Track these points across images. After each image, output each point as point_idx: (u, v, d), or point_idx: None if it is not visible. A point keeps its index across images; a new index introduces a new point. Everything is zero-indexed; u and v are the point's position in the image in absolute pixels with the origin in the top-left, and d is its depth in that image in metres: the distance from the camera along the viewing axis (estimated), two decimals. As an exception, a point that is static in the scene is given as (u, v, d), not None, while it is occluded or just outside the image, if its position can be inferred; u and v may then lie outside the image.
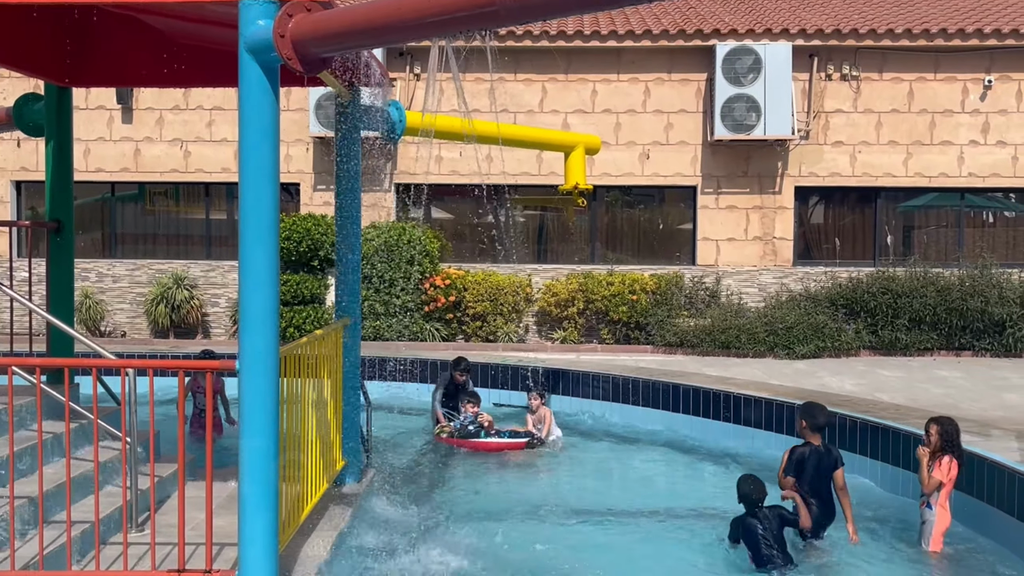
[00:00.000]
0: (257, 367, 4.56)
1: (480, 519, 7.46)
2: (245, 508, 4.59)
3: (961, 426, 8.16)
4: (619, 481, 8.82)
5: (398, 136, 8.17)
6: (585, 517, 7.40)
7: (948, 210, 18.62)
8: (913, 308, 16.42)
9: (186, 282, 18.27)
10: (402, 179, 18.65)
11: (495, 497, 8.16)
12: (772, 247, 18.23)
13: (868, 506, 7.85)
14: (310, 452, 5.92)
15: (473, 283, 17.52)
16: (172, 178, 18.99)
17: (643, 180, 18.38)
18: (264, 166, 4.52)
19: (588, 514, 7.49)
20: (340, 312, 7.20)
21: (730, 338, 16.15)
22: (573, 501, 7.91)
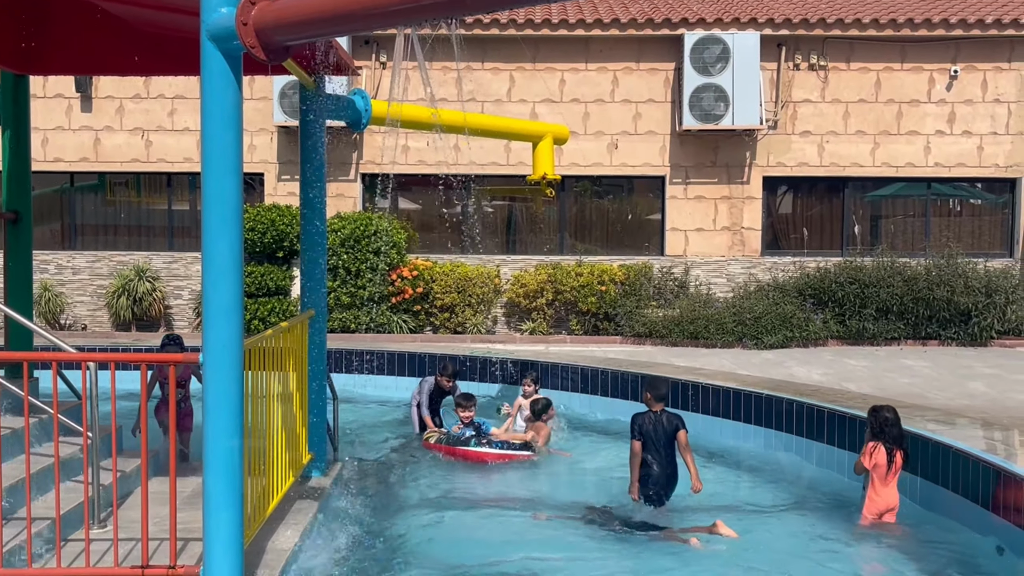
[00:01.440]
0: (221, 360, 4.54)
1: (446, 512, 7.48)
2: (210, 502, 4.57)
3: (928, 415, 8.32)
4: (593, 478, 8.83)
5: (364, 125, 8.13)
6: (555, 512, 7.41)
7: (915, 199, 18.84)
8: (880, 298, 16.61)
9: (148, 274, 18.11)
10: (368, 169, 18.59)
11: (464, 490, 8.16)
12: (740, 237, 18.35)
13: (828, 492, 7.97)
14: (276, 445, 5.90)
15: (441, 274, 17.50)
16: (133, 168, 18.79)
17: (611, 170, 18.43)
18: (227, 156, 4.49)
19: (557, 508, 7.50)
20: (305, 304, 7.17)
21: (699, 328, 16.25)
22: (545, 495, 7.92)
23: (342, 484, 7.36)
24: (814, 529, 7.08)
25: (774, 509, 7.66)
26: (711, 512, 7.50)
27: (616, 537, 6.79)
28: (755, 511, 7.65)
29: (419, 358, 12.74)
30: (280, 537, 5.66)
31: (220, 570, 4.56)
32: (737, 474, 8.79)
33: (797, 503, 7.82)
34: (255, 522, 5.27)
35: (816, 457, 8.77)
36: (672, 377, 10.72)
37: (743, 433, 9.65)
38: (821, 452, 8.71)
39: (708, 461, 9.15)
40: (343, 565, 6.04)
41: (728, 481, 8.55)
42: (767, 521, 7.31)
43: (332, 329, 16.48)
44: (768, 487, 8.34)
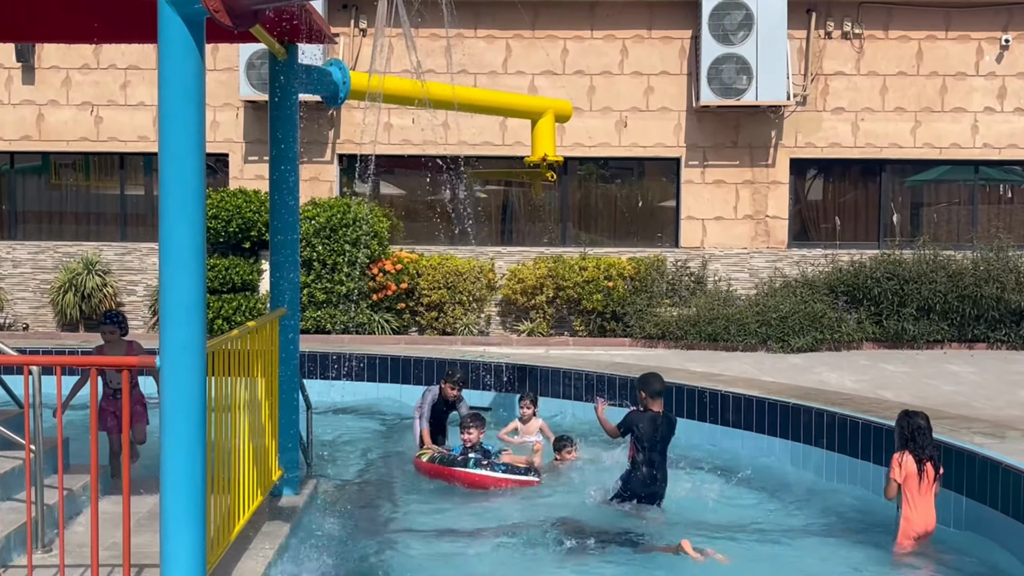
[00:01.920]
0: (181, 364, 4.54)
1: (433, 535, 7.48)
2: (168, 524, 4.57)
3: (975, 427, 8.34)
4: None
5: (341, 100, 8.13)
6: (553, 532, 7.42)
7: (960, 185, 18.86)
8: (922, 295, 16.63)
9: (98, 267, 18.08)
10: (346, 149, 18.56)
11: (453, 513, 8.17)
12: (765, 227, 18.37)
13: (862, 512, 7.98)
14: (242, 460, 5.90)
15: (428, 268, 17.50)
16: (81, 147, 18.75)
17: (620, 151, 18.43)
18: (187, 133, 4.48)
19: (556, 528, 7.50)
20: (276, 301, 7.18)
21: (717, 329, 16.27)
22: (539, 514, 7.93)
23: (316, 504, 7.37)
24: (845, 555, 7.09)
25: (800, 532, 7.67)
26: (728, 532, 7.52)
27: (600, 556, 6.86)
28: (779, 533, 7.66)
29: (403, 362, 12.75)
30: (247, 563, 5.66)
31: (179, 600, 4.56)
32: (759, 492, 8.80)
33: (826, 525, 7.83)
34: (219, 546, 5.27)
35: (848, 474, 8.78)
36: (688, 384, 10.74)
37: (767, 446, 9.67)
38: (854, 468, 8.72)
39: (727, 477, 9.17)
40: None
41: (749, 499, 8.56)
42: (792, 544, 7.33)
43: (306, 329, 16.48)
44: (794, 507, 8.36)
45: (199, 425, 4.61)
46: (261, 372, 6.42)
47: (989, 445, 7.64)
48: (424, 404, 9.76)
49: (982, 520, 7.27)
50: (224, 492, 5.52)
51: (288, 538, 6.27)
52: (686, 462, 9.77)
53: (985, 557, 6.94)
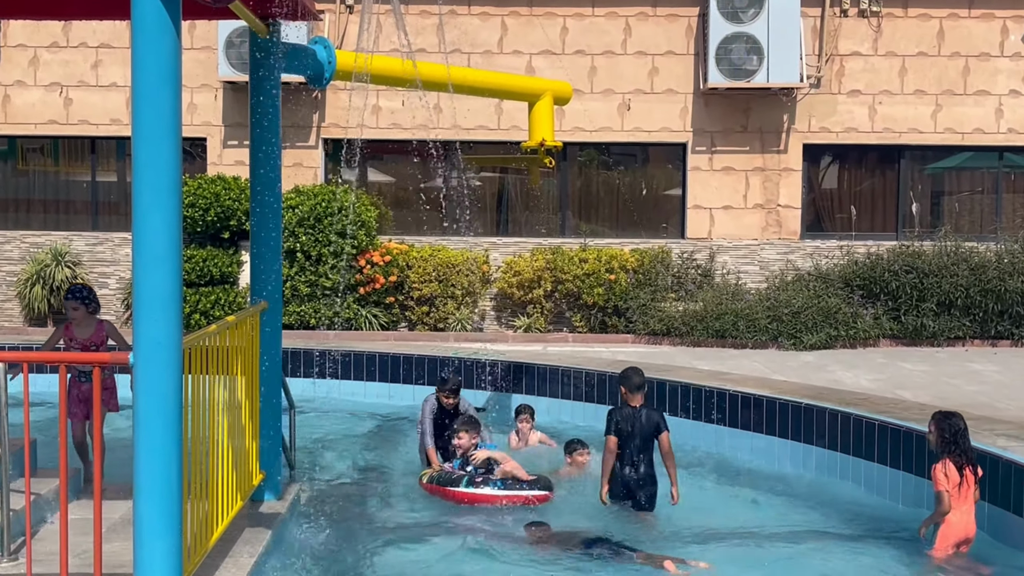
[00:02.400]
0: (155, 361, 4.54)
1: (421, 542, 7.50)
2: (141, 531, 4.58)
3: (998, 429, 8.37)
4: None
5: (326, 81, 8.12)
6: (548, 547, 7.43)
7: (984, 172, 18.87)
8: (942, 289, 16.65)
9: (68, 258, 18.06)
10: (332, 133, 18.55)
11: (446, 520, 8.18)
12: (776, 217, 18.38)
13: (880, 519, 8.00)
14: (221, 463, 5.91)
15: (419, 260, 17.50)
16: (50, 131, 18.72)
17: (623, 136, 18.43)
18: (162, 116, 4.48)
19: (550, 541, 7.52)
20: (256, 295, 7.17)
21: (726, 325, 16.28)
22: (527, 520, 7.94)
23: (300, 509, 7.37)
24: (871, 564, 7.09)
25: (815, 539, 7.68)
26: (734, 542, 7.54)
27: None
28: (793, 540, 7.68)
29: (393, 359, 12.76)
30: (226, 572, 5.67)
31: (154, 611, 4.56)
32: (771, 497, 8.82)
33: (845, 533, 7.84)
34: (196, 554, 5.28)
35: (864, 478, 8.80)
36: (695, 383, 10.75)
37: (778, 449, 9.68)
38: (870, 472, 8.74)
39: (735, 482, 9.19)
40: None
41: (759, 505, 8.58)
42: (808, 553, 7.33)
43: (289, 325, 16.48)
44: (806, 512, 8.37)
45: (175, 426, 4.61)
46: (241, 370, 6.42)
47: (1014, 448, 7.66)
48: (424, 419, 9.43)
49: (1006, 527, 7.29)
50: (202, 497, 5.52)
51: (269, 545, 6.28)
52: (693, 464, 9.81)
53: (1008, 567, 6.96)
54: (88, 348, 6.86)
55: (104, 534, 5.11)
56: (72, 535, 5.03)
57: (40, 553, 5.53)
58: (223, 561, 5.81)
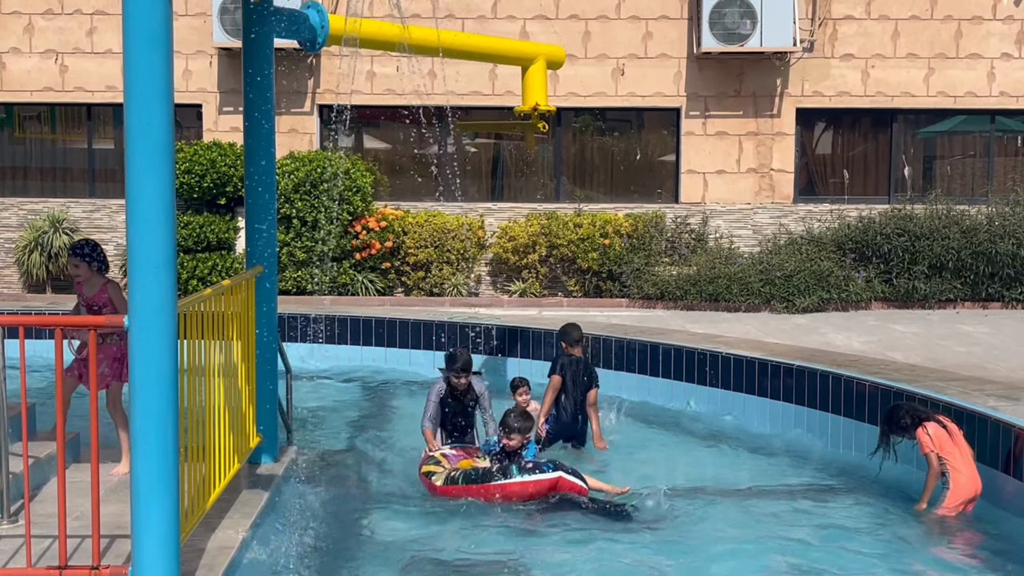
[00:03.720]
0: (150, 325, 4.53)
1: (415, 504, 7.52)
2: (139, 493, 4.58)
3: (988, 389, 8.40)
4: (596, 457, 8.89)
5: (319, 45, 8.07)
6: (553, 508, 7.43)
7: (976, 136, 18.84)
8: (934, 252, 16.66)
9: (65, 225, 18.03)
10: (326, 99, 18.46)
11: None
12: (769, 181, 18.35)
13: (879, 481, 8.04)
14: (218, 427, 5.91)
15: (414, 225, 17.47)
16: (46, 98, 18.62)
17: (617, 101, 18.36)
18: (154, 82, 4.44)
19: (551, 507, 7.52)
20: (252, 259, 7.16)
21: (719, 289, 16.29)
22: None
23: (296, 472, 7.39)
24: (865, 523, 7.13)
25: (809, 498, 7.70)
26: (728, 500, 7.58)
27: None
28: (787, 498, 7.71)
29: (389, 324, 12.76)
30: (222, 533, 5.68)
31: (152, 570, 4.58)
32: (764, 457, 8.86)
33: (838, 492, 7.87)
34: (193, 516, 5.30)
35: (855, 438, 8.83)
36: (688, 346, 10.76)
37: (771, 411, 9.71)
38: (861, 432, 8.76)
39: (732, 444, 9.22)
40: (296, 565, 6.08)
41: (752, 465, 8.62)
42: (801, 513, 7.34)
43: (285, 290, 16.48)
44: (798, 473, 8.41)
45: (171, 389, 4.61)
46: (237, 334, 6.41)
47: (1003, 408, 7.68)
48: (429, 400, 8.37)
49: (996, 487, 7.32)
50: (199, 459, 5.53)
51: (266, 507, 6.30)
52: (688, 427, 9.85)
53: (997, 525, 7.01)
54: (93, 309, 6.75)
55: (102, 497, 5.12)
56: (71, 497, 5.04)
57: (39, 515, 5.55)
58: (221, 522, 5.83)
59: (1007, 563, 6.40)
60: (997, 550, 6.62)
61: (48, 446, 6.43)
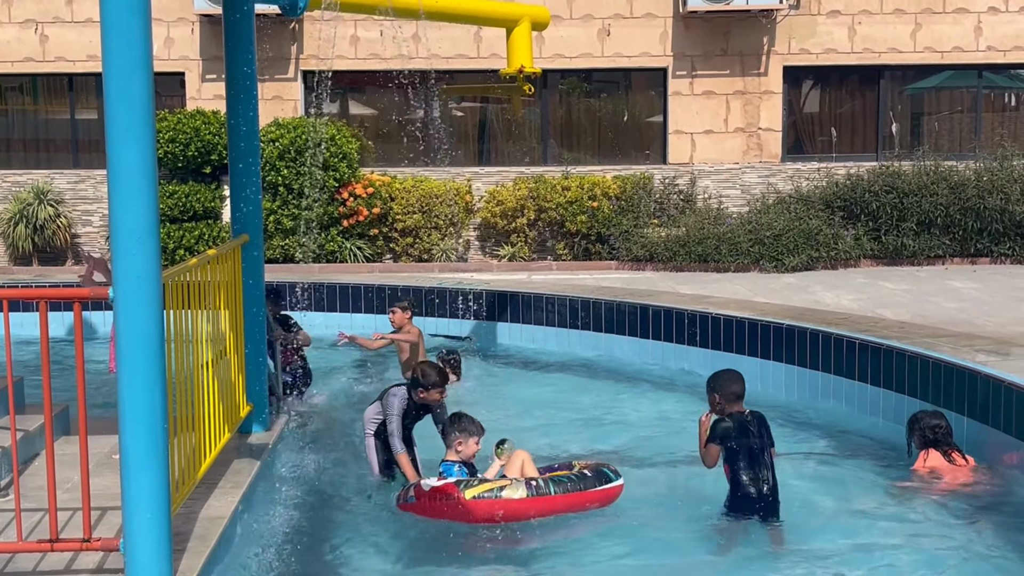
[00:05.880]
0: (136, 295, 4.49)
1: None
2: (128, 465, 4.56)
3: (978, 344, 8.41)
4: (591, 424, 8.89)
5: (300, 10, 7.98)
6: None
7: (963, 91, 18.80)
8: (922, 209, 16.66)
9: (50, 197, 17.92)
10: (310, 65, 18.33)
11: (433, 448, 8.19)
12: (757, 140, 18.31)
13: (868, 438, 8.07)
14: (207, 397, 5.89)
15: (401, 191, 17.40)
16: (26, 68, 18.46)
17: (603, 62, 18.26)
18: (132, 48, 4.39)
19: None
20: (237, 228, 7.11)
21: (708, 249, 16.29)
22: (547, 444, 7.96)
23: (288, 441, 7.38)
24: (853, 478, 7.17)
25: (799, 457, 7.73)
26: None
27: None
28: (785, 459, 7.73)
29: (378, 291, 12.73)
30: (214, 503, 5.67)
31: (143, 542, 4.56)
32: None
33: (828, 451, 7.89)
34: (184, 486, 5.28)
35: (846, 396, 8.85)
36: (677, 307, 10.76)
37: (761, 371, 9.72)
38: (851, 390, 8.79)
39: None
40: (289, 534, 6.08)
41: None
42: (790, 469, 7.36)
43: (272, 259, 16.42)
44: (790, 432, 8.41)
45: (157, 359, 4.58)
46: (224, 303, 6.37)
47: (992, 363, 7.70)
48: (393, 417, 7.11)
49: (984, 441, 7.34)
50: (188, 430, 5.51)
51: (257, 476, 6.28)
52: (678, 388, 9.87)
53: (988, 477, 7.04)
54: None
55: (92, 468, 5.11)
56: (60, 470, 5.01)
57: (29, 489, 5.53)
58: (212, 492, 5.81)
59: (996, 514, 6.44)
60: (985, 504, 6.65)
61: (36, 419, 6.40)
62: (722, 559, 5.96)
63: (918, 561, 5.80)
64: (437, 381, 7.08)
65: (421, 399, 7.10)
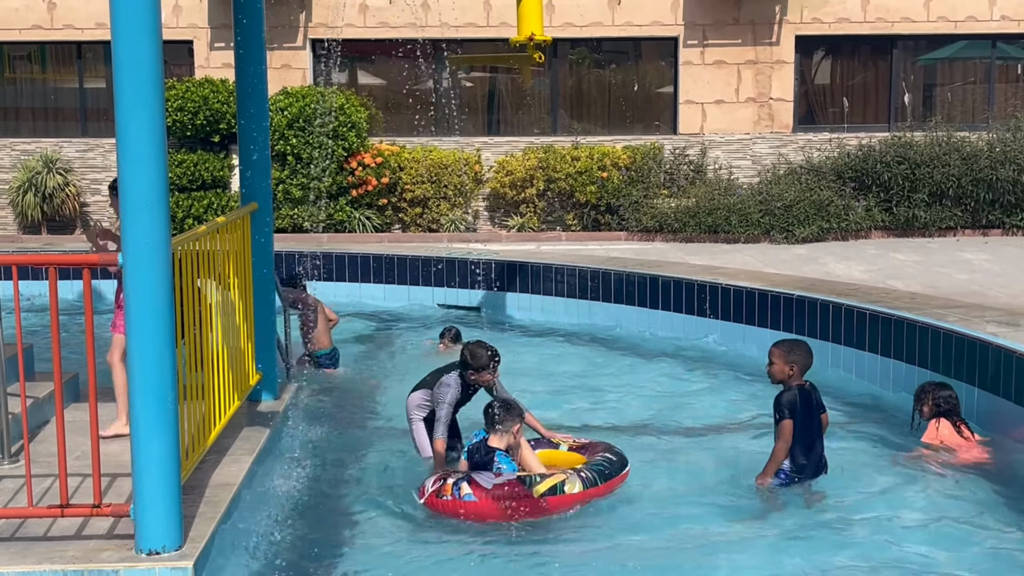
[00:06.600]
0: (145, 263, 4.49)
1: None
2: (138, 431, 4.58)
3: (989, 316, 8.39)
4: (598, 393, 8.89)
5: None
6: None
7: (977, 62, 18.66)
8: (934, 180, 16.58)
9: (59, 165, 17.92)
10: (319, 34, 18.25)
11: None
12: (768, 110, 18.21)
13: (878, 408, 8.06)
14: (217, 364, 5.90)
15: (410, 161, 17.36)
16: (35, 36, 18.41)
17: (614, 31, 18.16)
18: (141, 13, 4.38)
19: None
20: (246, 196, 7.11)
21: (718, 220, 16.24)
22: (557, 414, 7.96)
23: (297, 409, 7.40)
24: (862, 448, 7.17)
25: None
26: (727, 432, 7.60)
27: None
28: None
29: (387, 260, 12.73)
30: (224, 470, 5.70)
31: (153, 508, 4.58)
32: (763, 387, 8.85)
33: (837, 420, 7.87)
34: (194, 453, 5.30)
35: (856, 367, 8.84)
36: (687, 278, 10.75)
37: (771, 341, 9.64)
38: (861, 361, 8.78)
39: (733, 375, 9.23)
40: (298, 501, 6.11)
41: (751, 396, 8.62)
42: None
43: (281, 228, 16.42)
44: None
45: (167, 326, 4.59)
46: (233, 271, 6.38)
47: (1003, 334, 7.69)
48: (444, 403, 6.74)
49: (995, 412, 7.34)
50: (198, 397, 5.53)
51: (267, 444, 6.31)
52: (685, 358, 9.87)
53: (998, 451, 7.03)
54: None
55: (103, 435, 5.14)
56: (70, 437, 5.03)
57: (39, 455, 5.56)
58: (221, 459, 5.84)
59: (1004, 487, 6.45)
60: (994, 477, 6.64)
61: (47, 386, 6.43)
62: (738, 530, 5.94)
63: (926, 532, 5.80)
64: (487, 363, 6.71)
65: (473, 381, 6.77)
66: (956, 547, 5.63)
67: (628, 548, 5.67)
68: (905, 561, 5.46)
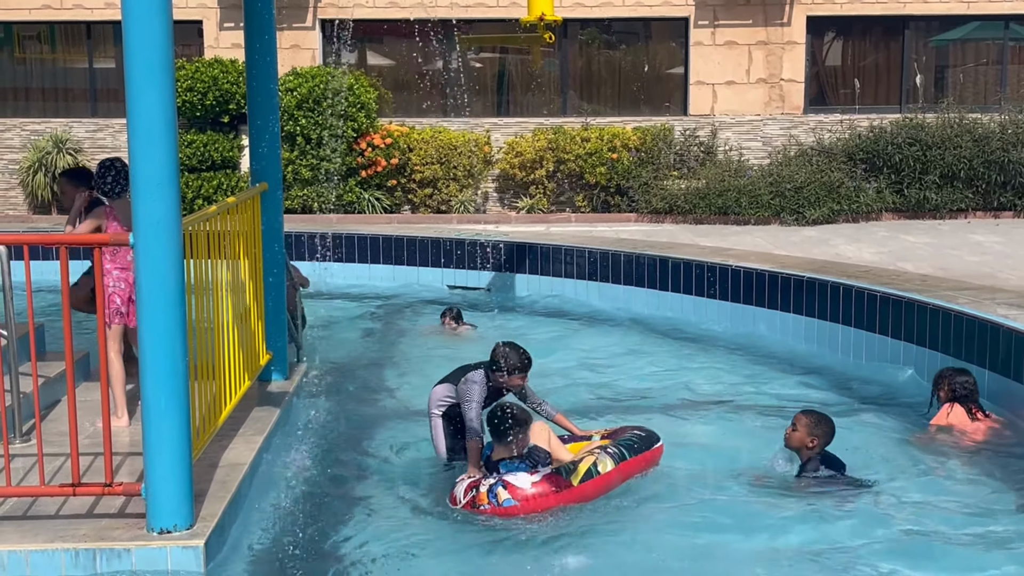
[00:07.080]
0: (156, 242, 4.50)
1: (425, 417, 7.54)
2: (150, 411, 4.60)
3: (999, 298, 8.37)
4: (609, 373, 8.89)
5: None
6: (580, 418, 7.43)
7: (989, 43, 18.56)
8: (945, 162, 16.53)
9: (69, 145, 17.94)
10: (328, 14, 18.21)
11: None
12: (779, 91, 18.15)
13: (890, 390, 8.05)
14: (227, 344, 5.91)
15: (420, 142, 17.35)
16: (45, 16, 18.41)
17: (624, 11, 18.09)
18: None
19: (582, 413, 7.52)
20: (256, 176, 7.11)
21: (728, 202, 16.21)
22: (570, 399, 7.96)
23: (308, 389, 7.42)
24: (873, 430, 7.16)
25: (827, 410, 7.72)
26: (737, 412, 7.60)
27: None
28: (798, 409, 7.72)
29: (396, 241, 12.73)
30: (235, 449, 5.72)
31: (165, 487, 4.60)
32: (771, 369, 8.85)
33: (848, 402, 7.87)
34: (205, 433, 5.32)
35: (867, 349, 8.83)
36: (697, 259, 10.73)
37: (781, 323, 9.70)
38: (871, 343, 8.76)
39: (743, 357, 9.21)
40: (309, 480, 6.12)
41: (758, 377, 8.62)
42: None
43: (291, 209, 16.42)
44: (808, 383, 8.41)
45: (178, 306, 4.59)
46: (244, 252, 6.38)
47: (1014, 316, 7.66)
48: (474, 402, 6.16)
49: (1007, 394, 7.32)
50: (209, 378, 5.54)
51: (277, 423, 6.33)
52: (696, 339, 9.86)
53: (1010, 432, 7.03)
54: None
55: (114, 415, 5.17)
56: (82, 416, 5.06)
57: (51, 434, 5.59)
58: (233, 439, 5.86)
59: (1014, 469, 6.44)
60: (1003, 458, 6.64)
61: (58, 366, 6.45)
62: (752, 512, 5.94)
63: (933, 513, 5.79)
64: (519, 366, 6.16)
65: (502, 383, 6.18)
66: (965, 526, 5.62)
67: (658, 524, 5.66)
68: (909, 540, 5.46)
